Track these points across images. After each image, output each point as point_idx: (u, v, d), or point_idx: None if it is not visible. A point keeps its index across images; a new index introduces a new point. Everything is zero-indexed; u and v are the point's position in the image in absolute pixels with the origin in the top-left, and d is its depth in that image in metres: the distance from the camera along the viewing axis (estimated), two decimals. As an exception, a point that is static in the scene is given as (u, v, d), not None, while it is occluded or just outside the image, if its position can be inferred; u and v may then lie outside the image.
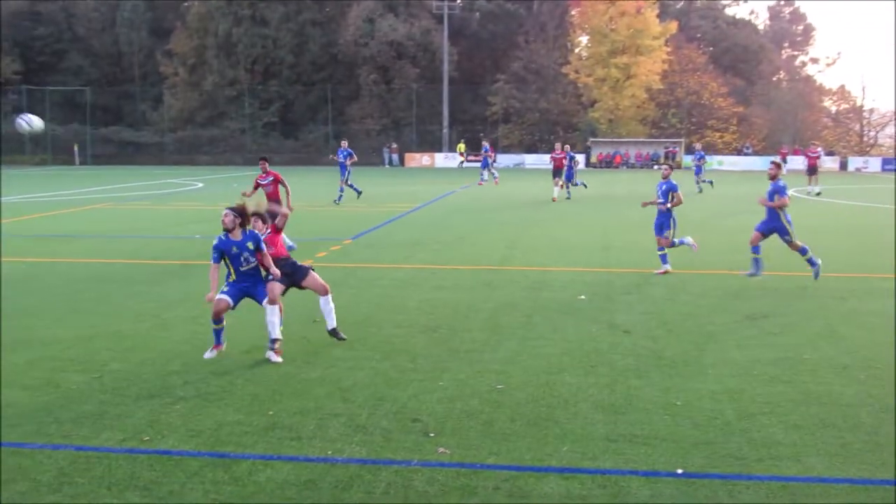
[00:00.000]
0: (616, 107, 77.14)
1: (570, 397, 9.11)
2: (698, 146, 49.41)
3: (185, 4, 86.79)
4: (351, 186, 34.16)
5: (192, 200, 32.93)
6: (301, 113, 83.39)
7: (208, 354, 10.62)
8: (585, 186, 38.80)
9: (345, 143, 35.42)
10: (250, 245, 10.61)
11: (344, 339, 11.24)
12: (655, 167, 68.24)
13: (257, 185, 20.30)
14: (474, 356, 10.81)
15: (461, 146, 71.76)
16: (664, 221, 17.26)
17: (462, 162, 67.45)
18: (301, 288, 11.55)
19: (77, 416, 8.55)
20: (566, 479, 7.05)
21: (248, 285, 10.80)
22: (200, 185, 48.65)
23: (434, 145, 79.53)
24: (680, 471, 7.22)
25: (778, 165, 16.51)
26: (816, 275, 16.03)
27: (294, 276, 11.29)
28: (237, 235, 10.61)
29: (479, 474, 7.14)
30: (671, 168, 18.15)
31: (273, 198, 19.77)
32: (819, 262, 16.14)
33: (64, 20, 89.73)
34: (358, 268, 18.02)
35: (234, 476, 7.12)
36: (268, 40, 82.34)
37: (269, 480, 7.03)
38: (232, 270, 10.76)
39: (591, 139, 76.29)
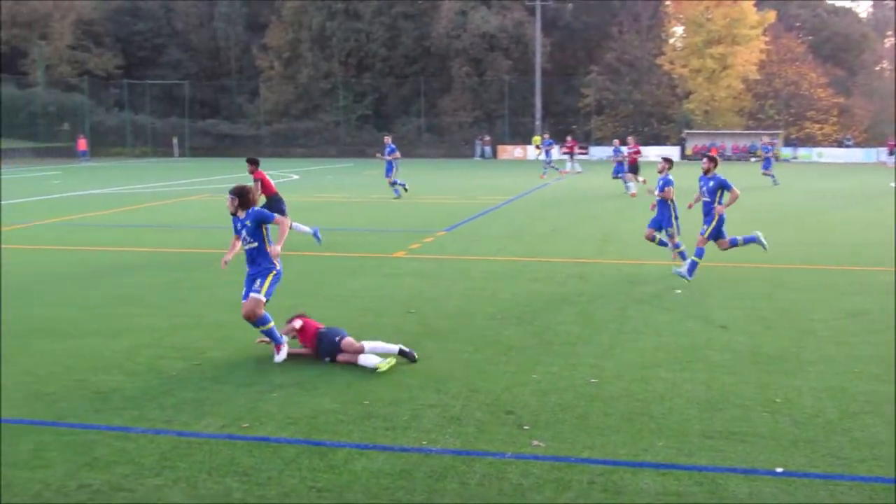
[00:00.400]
0: (712, 98, 76.02)
1: (665, 392, 9.03)
2: (766, 139, 48.40)
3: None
4: (394, 184, 33.37)
5: (288, 192, 33.27)
6: (394, 105, 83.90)
7: (278, 358, 10.23)
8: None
9: (388, 139, 34.63)
10: (248, 223, 10.41)
11: (415, 360, 10.21)
12: (752, 159, 67.07)
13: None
14: (568, 349, 10.77)
15: (536, 139, 71.04)
16: (666, 217, 16.56)
17: (539, 154, 66.83)
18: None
19: (178, 402, 8.75)
20: (662, 474, 6.99)
21: (250, 272, 10.57)
22: (296, 176, 49.28)
23: (526, 137, 79.25)
24: (779, 469, 7.10)
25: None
26: (687, 271, 15.31)
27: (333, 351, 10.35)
28: (241, 215, 10.52)
29: (573, 468, 7.12)
30: (669, 162, 16.96)
31: (270, 192, 19.32)
32: (690, 262, 15.46)
33: (163, 16, 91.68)
34: (451, 259, 18.09)
35: (330, 464, 7.22)
36: (361, 34, 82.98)
37: (364, 469, 7.10)
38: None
39: (686, 131, 75.31)
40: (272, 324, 10.28)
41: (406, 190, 33.31)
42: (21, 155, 73.89)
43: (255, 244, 10.46)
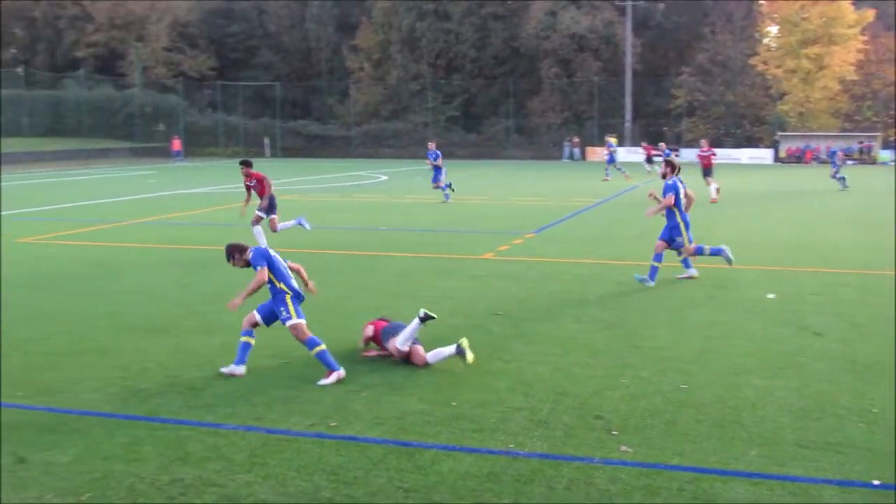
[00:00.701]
0: (807, 99, 74.47)
1: (757, 400, 8.87)
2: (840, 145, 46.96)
3: (371, 1, 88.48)
4: (444, 188, 32.87)
5: (377, 193, 33.61)
6: (483, 107, 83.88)
7: (322, 381, 9.51)
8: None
9: (432, 145, 34.39)
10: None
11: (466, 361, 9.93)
12: (849, 162, 65.62)
13: (248, 189, 19.91)
14: (657, 354, 10.66)
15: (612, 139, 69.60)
16: (674, 226, 15.68)
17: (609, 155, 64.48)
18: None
19: (268, 400, 8.87)
20: (754, 484, 6.87)
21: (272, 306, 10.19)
22: (385, 177, 49.60)
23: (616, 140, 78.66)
24: (876, 482, 6.92)
25: (669, 165, 15.85)
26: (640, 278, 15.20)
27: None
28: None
29: (662, 475, 7.04)
30: (671, 166, 15.93)
31: (264, 193, 19.60)
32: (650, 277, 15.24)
33: (256, 17, 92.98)
34: (539, 262, 18.03)
35: (417, 465, 7.25)
36: (450, 35, 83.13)
37: (451, 471, 7.11)
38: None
39: (780, 133, 73.95)
40: (322, 346, 9.77)
41: (453, 190, 32.69)
42: (118, 155, 75.69)
43: (268, 283, 10.06)
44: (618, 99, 79.30)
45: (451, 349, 9.95)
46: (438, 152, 33.24)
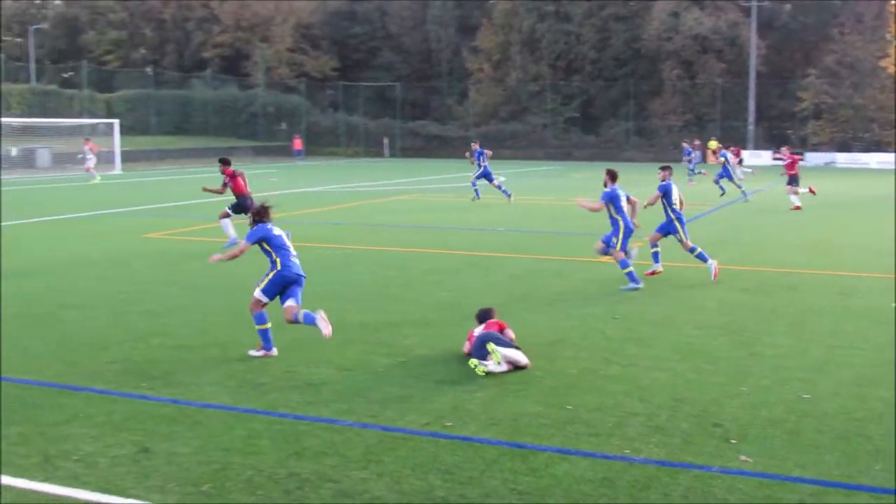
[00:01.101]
0: (939, 103, 71.91)
1: (884, 412, 8.57)
2: None
3: (491, 2, 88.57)
4: (473, 185, 33.42)
5: (495, 194, 33.57)
6: (602, 108, 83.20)
7: (252, 352, 10.63)
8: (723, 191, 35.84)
9: (475, 145, 34.90)
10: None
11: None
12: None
13: (224, 185, 20.27)
14: (778, 362, 10.39)
15: (712, 143, 67.29)
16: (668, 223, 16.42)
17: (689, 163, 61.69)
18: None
19: (384, 398, 8.93)
20: (878, 499, 6.63)
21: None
22: (503, 178, 49.52)
23: (738, 142, 77.10)
24: None
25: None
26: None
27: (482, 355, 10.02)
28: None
29: (782, 486, 6.86)
30: (668, 170, 16.82)
31: (238, 191, 20.03)
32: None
33: (378, 19, 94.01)
34: (657, 266, 17.77)
35: (531, 467, 7.20)
36: (571, 36, 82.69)
37: (566, 474, 7.05)
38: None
39: (911, 137, 71.54)
40: (267, 325, 10.59)
41: (479, 198, 32.96)
42: (242, 153, 77.28)
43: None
44: (741, 101, 77.79)
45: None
46: (483, 150, 33.88)
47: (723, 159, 36.19)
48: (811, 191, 31.21)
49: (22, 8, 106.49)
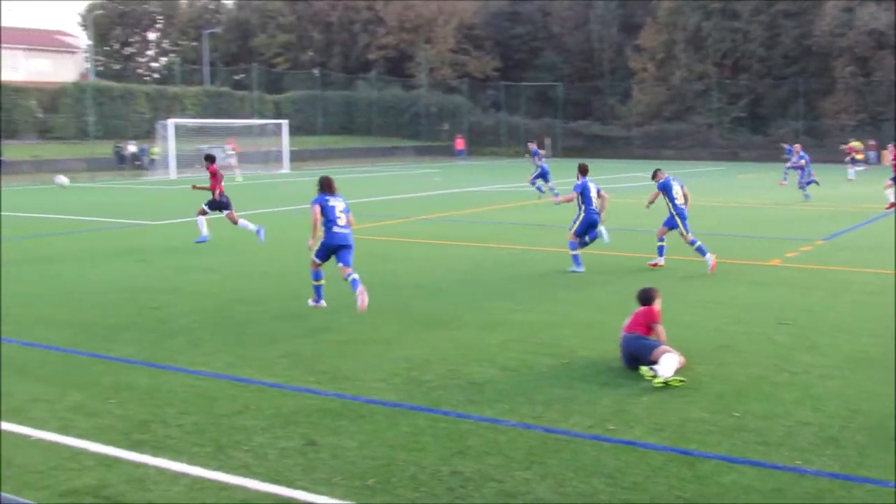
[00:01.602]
0: None
1: None
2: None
3: (656, 0, 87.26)
4: (532, 184, 34.76)
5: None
6: (770, 108, 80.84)
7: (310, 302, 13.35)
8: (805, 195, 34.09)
9: (532, 145, 36.88)
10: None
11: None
12: None
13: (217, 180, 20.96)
14: (962, 373, 9.88)
15: (856, 143, 62.14)
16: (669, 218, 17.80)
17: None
18: None
19: (547, 399, 8.89)
20: None
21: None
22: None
23: (916, 143, 73.75)
24: None
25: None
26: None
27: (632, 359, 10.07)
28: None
29: (968, 504, 6.52)
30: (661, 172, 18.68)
31: (212, 189, 20.70)
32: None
33: (540, 19, 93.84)
34: (829, 270, 17.19)
35: (697, 475, 7.05)
36: (738, 34, 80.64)
37: (733, 483, 6.87)
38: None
39: None
40: (321, 282, 13.47)
41: (542, 193, 34.23)
42: (404, 153, 78.51)
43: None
44: (921, 100, 74.36)
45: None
46: (538, 150, 35.91)
47: (787, 154, 35.74)
48: None
49: (197, 13, 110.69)
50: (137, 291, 14.77)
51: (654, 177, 18.60)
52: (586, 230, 17.22)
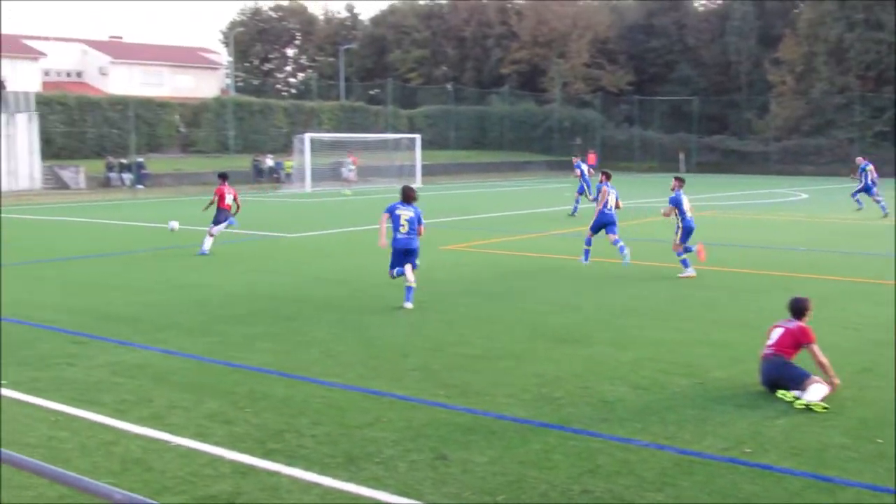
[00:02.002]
0: None
1: None
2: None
3: (796, 11, 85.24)
4: (576, 203, 33.59)
5: (797, 211, 32.27)
6: (916, 122, 78.06)
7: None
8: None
9: (576, 159, 35.99)
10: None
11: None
12: None
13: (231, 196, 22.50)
14: None
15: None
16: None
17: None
18: None
19: (680, 419, 8.72)
20: None
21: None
22: (804, 195, 47.56)
23: None
24: None
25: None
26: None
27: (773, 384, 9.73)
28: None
29: None
30: (680, 182, 18.78)
31: (221, 206, 22.30)
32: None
33: (675, 32, 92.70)
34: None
35: (837, 502, 6.81)
36: (882, 45, 78.01)
37: (877, 512, 6.63)
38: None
39: None
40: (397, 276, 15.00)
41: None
42: (536, 168, 78.43)
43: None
44: None
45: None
46: (580, 163, 34.95)
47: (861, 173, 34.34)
48: None
49: (334, 29, 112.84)
50: (273, 301, 15.09)
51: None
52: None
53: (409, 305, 14.42)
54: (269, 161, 60.26)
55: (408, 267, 14.55)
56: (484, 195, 43.96)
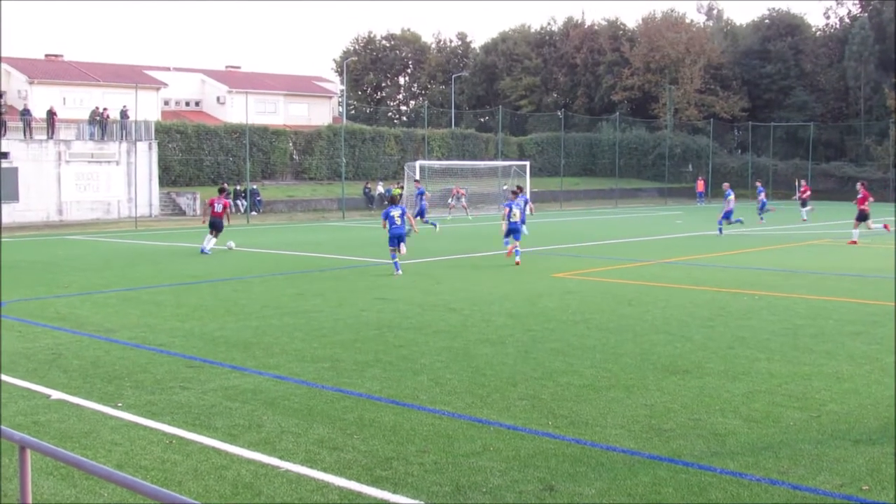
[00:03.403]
0: None
1: None
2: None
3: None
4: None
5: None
6: None
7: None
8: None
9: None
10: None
11: None
12: None
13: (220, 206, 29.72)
14: None
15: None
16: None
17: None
18: None
19: (795, 454, 8.51)
20: None
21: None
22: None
23: None
24: None
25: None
26: None
27: None
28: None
29: None
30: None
31: (216, 215, 29.39)
32: None
33: (791, 57, 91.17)
34: None
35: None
36: None
37: None
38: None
39: None
40: (396, 260, 23.09)
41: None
42: (646, 195, 77.75)
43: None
44: None
45: None
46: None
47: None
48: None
49: (445, 58, 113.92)
50: (383, 328, 15.22)
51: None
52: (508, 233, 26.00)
53: (399, 273, 22.67)
54: (381, 188, 60.96)
55: (402, 245, 23.10)
56: (593, 222, 43.73)
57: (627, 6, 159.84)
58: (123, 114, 53.79)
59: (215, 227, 29.17)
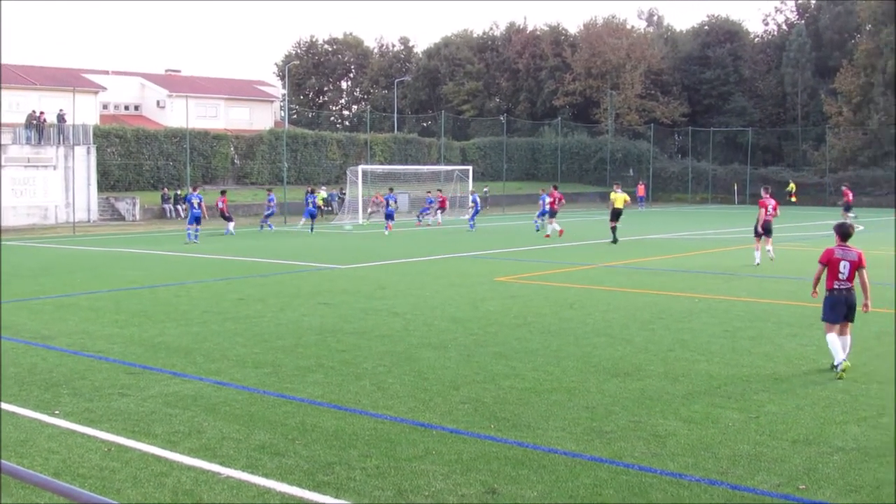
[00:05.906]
0: None
1: None
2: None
3: (853, 42, 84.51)
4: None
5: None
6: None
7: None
8: None
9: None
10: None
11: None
12: None
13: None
14: None
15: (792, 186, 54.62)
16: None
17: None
18: None
19: (733, 455, 8.62)
20: None
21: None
22: (861, 227, 46.91)
23: None
24: None
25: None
26: None
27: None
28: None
29: None
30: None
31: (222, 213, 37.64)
32: None
33: (730, 63, 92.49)
34: None
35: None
36: (941, 76, 77.19)
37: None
38: None
39: None
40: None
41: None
42: (589, 199, 78.36)
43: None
44: None
45: None
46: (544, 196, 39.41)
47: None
48: None
49: (388, 62, 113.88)
50: (325, 333, 15.15)
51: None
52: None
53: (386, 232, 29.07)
54: (323, 193, 60.72)
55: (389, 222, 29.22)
56: (534, 227, 43.83)
57: (569, 11, 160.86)
58: (61, 118, 53.02)
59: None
